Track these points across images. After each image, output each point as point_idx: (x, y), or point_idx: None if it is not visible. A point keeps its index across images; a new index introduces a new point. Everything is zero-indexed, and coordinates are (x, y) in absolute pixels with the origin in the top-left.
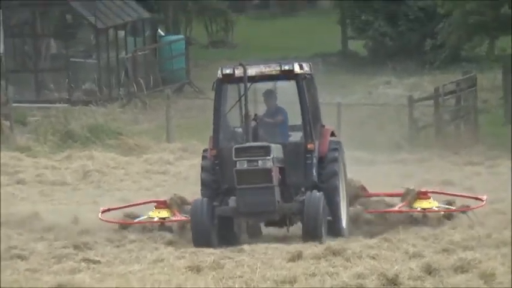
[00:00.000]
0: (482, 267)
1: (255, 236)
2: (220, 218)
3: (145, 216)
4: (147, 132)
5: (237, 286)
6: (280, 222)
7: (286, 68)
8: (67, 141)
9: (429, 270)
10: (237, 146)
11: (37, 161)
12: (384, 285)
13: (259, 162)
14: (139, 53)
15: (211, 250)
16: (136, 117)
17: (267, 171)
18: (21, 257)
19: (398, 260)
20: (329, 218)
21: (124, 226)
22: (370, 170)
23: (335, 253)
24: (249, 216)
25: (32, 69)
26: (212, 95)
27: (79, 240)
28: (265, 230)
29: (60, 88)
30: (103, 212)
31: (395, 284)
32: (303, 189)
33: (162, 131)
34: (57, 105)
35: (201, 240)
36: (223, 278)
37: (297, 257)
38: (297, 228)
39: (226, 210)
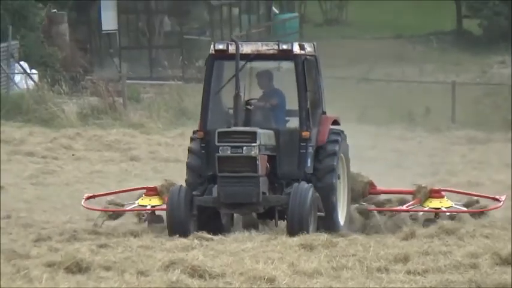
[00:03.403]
0: None
1: (250, 227)
2: (205, 208)
3: (136, 204)
4: None
5: (350, 264)
6: (270, 216)
7: (284, 47)
8: (180, 118)
9: None
10: (220, 129)
11: (150, 137)
12: (497, 264)
13: (244, 148)
14: (254, 31)
15: None
16: None
17: (252, 160)
18: (134, 234)
19: None
20: (321, 214)
21: (112, 215)
22: (484, 148)
23: (448, 232)
24: (230, 208)
25: (145, 46)
26: (330, 72)
27: None
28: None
29: (173, 65)
30: (87, 198)
31: (509, 263)
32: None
33: None
34: (171, 82)
35: (176, 231)
36: (336, 256)
37: (410, 235)
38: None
39: (206, 200)
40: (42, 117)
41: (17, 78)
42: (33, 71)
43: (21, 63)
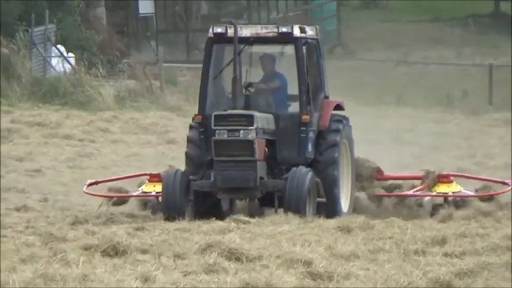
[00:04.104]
0: None
1: (255, 214)
2: (203, 194)
3: (140, 190)
4: None
5: (387, 247)
6: (273, 202)
7: (284, 30)
8: None
9: None
10: (216, 113)
11: (187, 120)
12: None
13: (241, 132)
14: (291, 14)
15: None
16: None
17: (249, 143)
18: (170, 218)
19: None
20: (323, 199)
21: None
22: None
23: (485, 214)
24: (227, 192)
25: (182, 29)
26: (368, 55)
27: None
28: None
29: None
30: (90, 185)
31: None
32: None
33: None
34: None
35: (171, 215)
36: (373, 238)
37: (448, 218)
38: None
39: (203, 185)
40: (79, 100)
41: (54, 61)
42: (70, 54)
43: (58, 46)
